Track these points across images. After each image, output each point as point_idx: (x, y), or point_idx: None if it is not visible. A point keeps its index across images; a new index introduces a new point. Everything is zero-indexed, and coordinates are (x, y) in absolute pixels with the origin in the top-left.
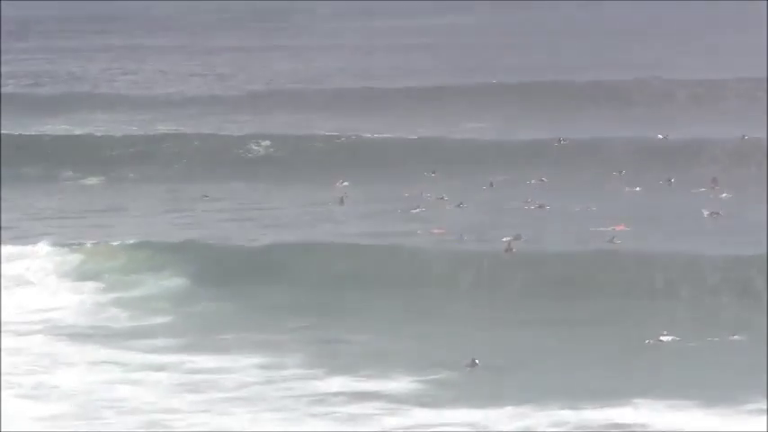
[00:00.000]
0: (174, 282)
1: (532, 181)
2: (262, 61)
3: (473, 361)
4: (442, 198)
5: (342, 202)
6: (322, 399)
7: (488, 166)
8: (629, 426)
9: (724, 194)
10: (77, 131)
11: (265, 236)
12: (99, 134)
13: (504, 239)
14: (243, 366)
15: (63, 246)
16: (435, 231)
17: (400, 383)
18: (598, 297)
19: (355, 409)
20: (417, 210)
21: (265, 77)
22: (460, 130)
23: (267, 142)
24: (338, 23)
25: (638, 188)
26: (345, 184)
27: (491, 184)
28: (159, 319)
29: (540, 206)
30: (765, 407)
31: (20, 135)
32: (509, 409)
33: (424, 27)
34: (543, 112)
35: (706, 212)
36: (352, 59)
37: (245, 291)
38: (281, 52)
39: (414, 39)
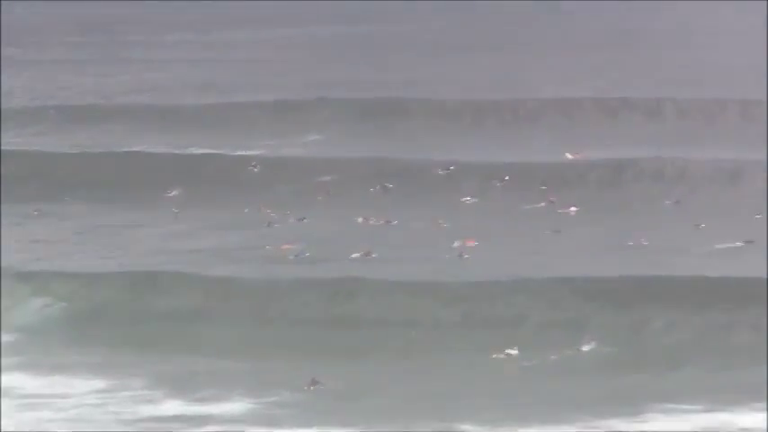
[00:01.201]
0: None
1: (375, 189)
2: (95, 75)
3: (313, 380)
4: (286, 213)
5: (176, 218)
6: (155, 422)
7: (329, 179)
8: None
9: (572, 208)
10: None
11: (110, 261)
12: None
13: (354, 255)
14: (80, 390)
15: None
16: (284, 247)
17: (238, 404)
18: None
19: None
20: (261, 226)
21: (100, 92)
22: (299, 143)
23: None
24: (178, 35)
25: (480, 203)
26: (175, 193)
27: (328, 192)
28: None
29: (387, 221)
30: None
31: None
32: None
33: (272, 38)
34: (393, 127)
35: (549, 231)
36: (191, 73)
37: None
38: (112, 66)
39: (257, 51)
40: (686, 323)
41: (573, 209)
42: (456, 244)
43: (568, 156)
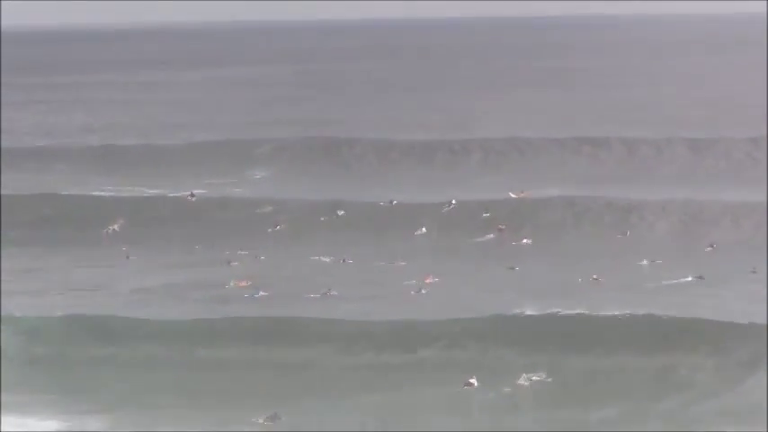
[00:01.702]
0: None
1: (326, 217)
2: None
3: (274, 414)
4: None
5: (127, 257)
6: None
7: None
8: None
9: (524, 240)
10: None
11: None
12: None
13: (313, 295)
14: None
15: None
16: (241, 284)
17: None
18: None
19: None
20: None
21: (36, 132)
22: (245, 181)
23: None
24: (111, 76)
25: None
26: (115, 227)
27: (277, 225)
28: None
29: (344, 260)
30: None
31: None
32: None
33: (211, 78)
34: (340, 166)
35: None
36: (130, 113)
37: None
38: (37, 107)
39: (197, 91)
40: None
41: (525, 240)
42: (413, 281)
43: (511, 195)
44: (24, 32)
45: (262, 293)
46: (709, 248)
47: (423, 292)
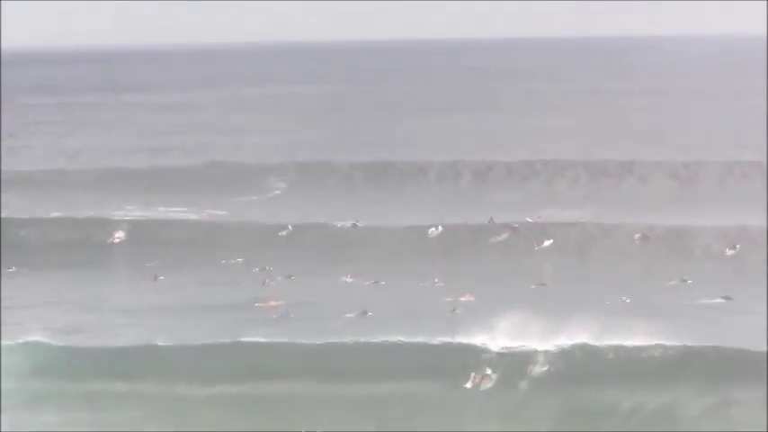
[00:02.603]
0: None
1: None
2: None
3: None
4: (265, 269)
5: (157, 281)
6: None
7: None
8: None
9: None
10: None
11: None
12: None
13: (349, 315)
14: None
15: None
16: (272, 303)
17: None
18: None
19: None
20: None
21: (63, 155)
22: (266, 203)
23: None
24: (129, 97)
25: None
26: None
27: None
28: None
29: (375, 282)
30: None
31: None
32: None
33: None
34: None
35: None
36: (148, 135)
37: None
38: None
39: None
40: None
41: (547, 242)
42: (449, 299)
43: (528, 219)
44: (28, 53)
45: (292, 315)
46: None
47: (457, 311)
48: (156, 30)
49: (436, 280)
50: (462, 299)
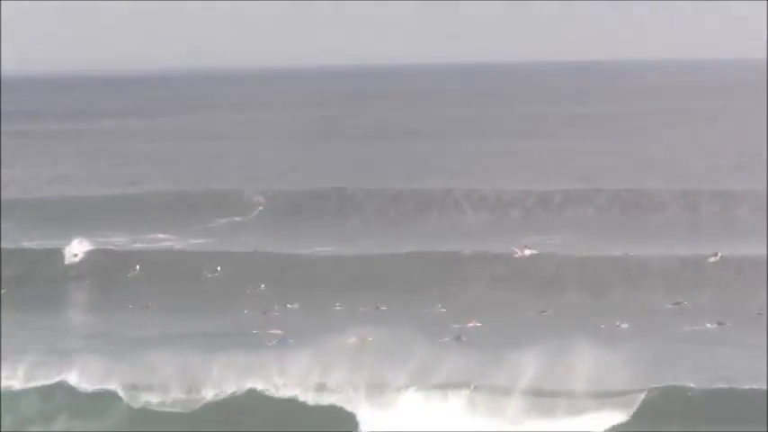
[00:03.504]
0: None
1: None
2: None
3: None
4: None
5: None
6: None
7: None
8: None
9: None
10: None
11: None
12: None
13: (351, 339)
14: None
15: None
16: (273, 332)
17: None
18: None
19: None
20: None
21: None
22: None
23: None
24: (131, 123)
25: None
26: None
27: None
28: None
29: (377, 307)
30: None
31: None
32: None
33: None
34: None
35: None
36: (141, 162)
37: None
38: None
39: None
40: None
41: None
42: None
43: (516, 250)
44: (26, 78)
45: (291, 341)
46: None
47: (463, 339)
48: (145, 55)
49: (439, 306)
50: (470, 325)
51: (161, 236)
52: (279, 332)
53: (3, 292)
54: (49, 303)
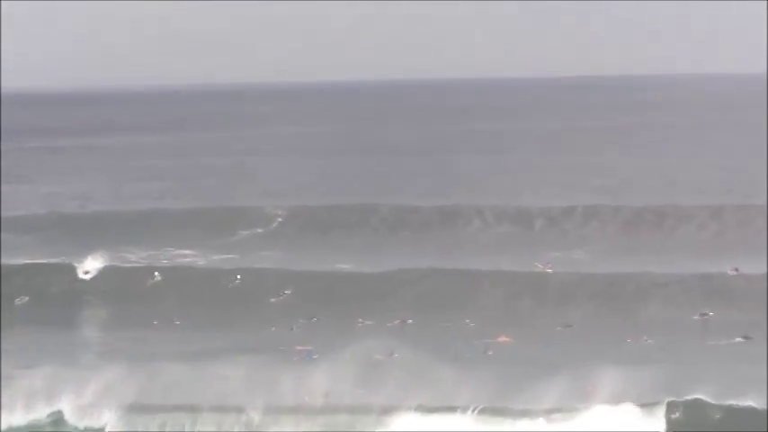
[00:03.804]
0: None
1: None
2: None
3: None
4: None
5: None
6: None
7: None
8: None
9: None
10: None
11: None
12: None
13: (377, 356)
14: None
15: None
16: (299, 348)
17: None
18: None
19: None
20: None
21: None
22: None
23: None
24: (151, 138)
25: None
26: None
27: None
28: None
29: (402, 321)
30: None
31: None
32: None
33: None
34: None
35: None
36: (154, 179)
37: None
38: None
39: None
40: None
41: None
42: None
43: (538, 266)
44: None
45: (315, 356)
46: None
47: (489, 353)
48: (153, 72)
49: (467, 321)
50: (499, 340)
51: (184, 251)
52: (305, 348)
53: (18, 302)
54: (58, 320)
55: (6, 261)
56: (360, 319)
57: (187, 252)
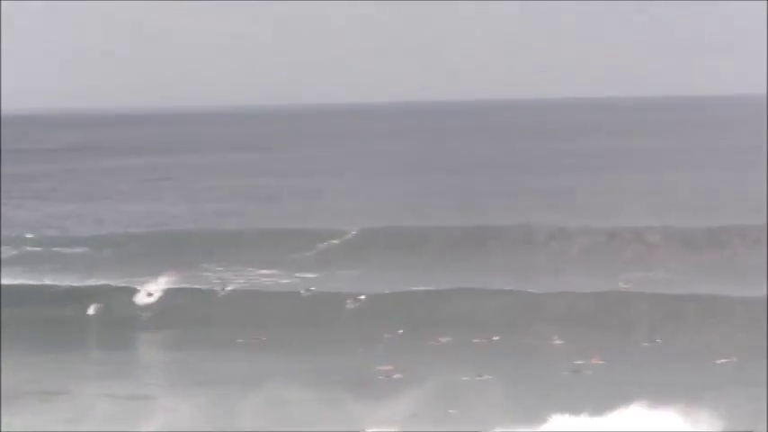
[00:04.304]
0: None
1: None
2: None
3: None
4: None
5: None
6: None
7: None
8: None
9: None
10: None
11: None
12: None
13: (463, 378)
14: None
15: None
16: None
17: None
18: None
19: None
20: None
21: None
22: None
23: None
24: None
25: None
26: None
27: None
28: None
29: (489, 339)
30: None
31: None
32: None
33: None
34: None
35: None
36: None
37: None
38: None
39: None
40: None
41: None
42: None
43: (622, 285)
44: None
45: (397, 376)
46: None
47: (585, 373)
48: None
49: (555, 338)
50: (592, 361)
51: (263, 271)
52: (388, 368)
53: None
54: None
55: (81, 283)
56: (440, 338)
57: (265, 272)
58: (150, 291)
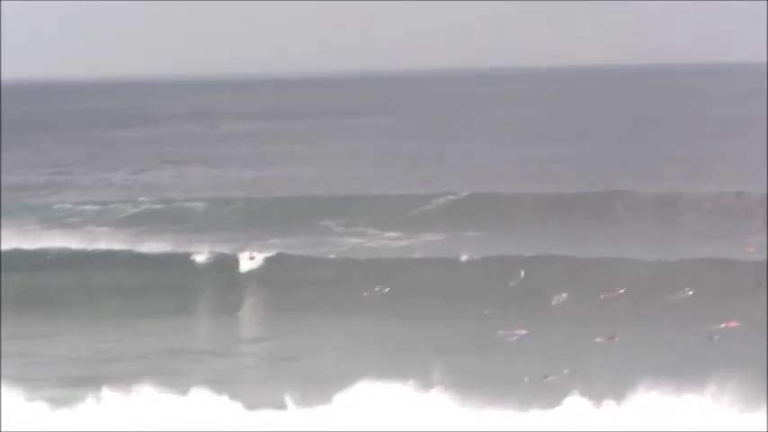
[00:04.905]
0: None
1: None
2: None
3: None
4: None
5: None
6: None
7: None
8: None
9: None
10: None
11: None
12: None
13: (597, 339)
14: None
15: None
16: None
17: None
18: None
19: None
20: None
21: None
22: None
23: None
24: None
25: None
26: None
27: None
28: None
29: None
30: None
31: None
32: None
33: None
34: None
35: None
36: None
37: None
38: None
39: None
40: None
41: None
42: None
43: (748, 250)
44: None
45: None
46: None
47: (715, 338)
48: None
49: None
50: (727, 325)
51: (389, 234)
52: (523, 332)
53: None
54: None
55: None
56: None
57: (390, 234)
58: (252, 255)
